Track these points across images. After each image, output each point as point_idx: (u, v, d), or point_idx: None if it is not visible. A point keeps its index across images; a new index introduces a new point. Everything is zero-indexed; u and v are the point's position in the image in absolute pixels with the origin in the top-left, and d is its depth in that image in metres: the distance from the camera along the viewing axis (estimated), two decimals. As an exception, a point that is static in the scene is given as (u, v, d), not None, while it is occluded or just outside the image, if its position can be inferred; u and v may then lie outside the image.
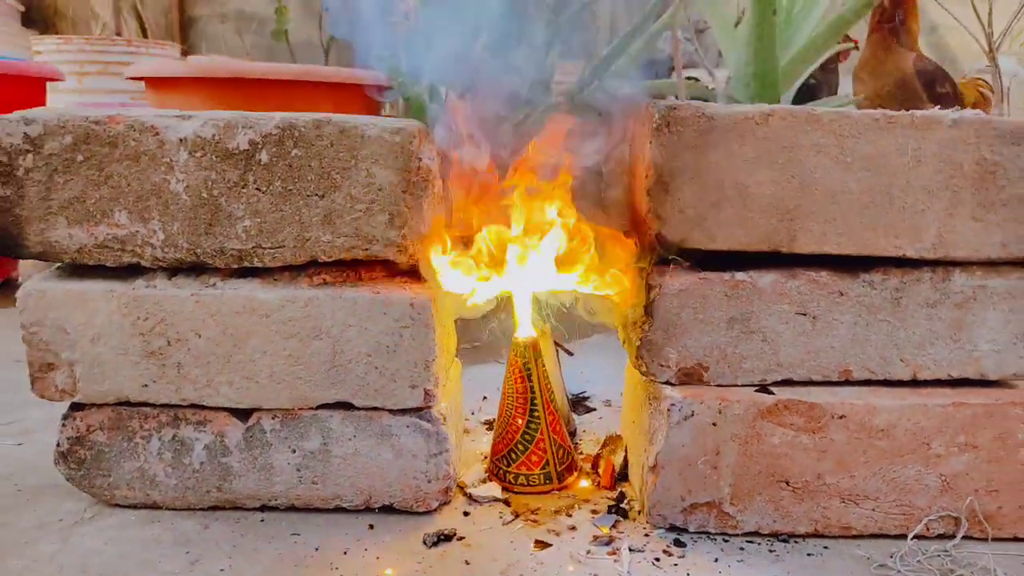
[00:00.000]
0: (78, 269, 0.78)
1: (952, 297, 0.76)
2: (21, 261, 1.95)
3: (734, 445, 0.75)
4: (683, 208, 0.74)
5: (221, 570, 0.71)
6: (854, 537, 0.78)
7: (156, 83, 1.72)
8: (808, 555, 0.75)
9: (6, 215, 0.74)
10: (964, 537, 0.77)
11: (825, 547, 0.77)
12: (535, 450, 0.84)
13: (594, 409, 1.12)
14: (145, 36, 3.72)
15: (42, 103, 1.84)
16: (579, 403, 1.13)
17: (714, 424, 0.75)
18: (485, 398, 1.14)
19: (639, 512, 0.80)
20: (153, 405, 0.78)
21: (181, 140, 0.72)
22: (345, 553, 0.74)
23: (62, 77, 1.91)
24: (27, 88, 1.77)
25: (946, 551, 0.76)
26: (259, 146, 0.72)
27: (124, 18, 4.02)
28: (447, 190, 0.84)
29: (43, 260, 0.77)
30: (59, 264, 0.79)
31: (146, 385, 0.77)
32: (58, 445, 0.80)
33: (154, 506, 0.81)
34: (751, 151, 0.73)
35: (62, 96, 2.85)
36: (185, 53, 4.47)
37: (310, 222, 0.74)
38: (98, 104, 2.83)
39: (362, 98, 1.74)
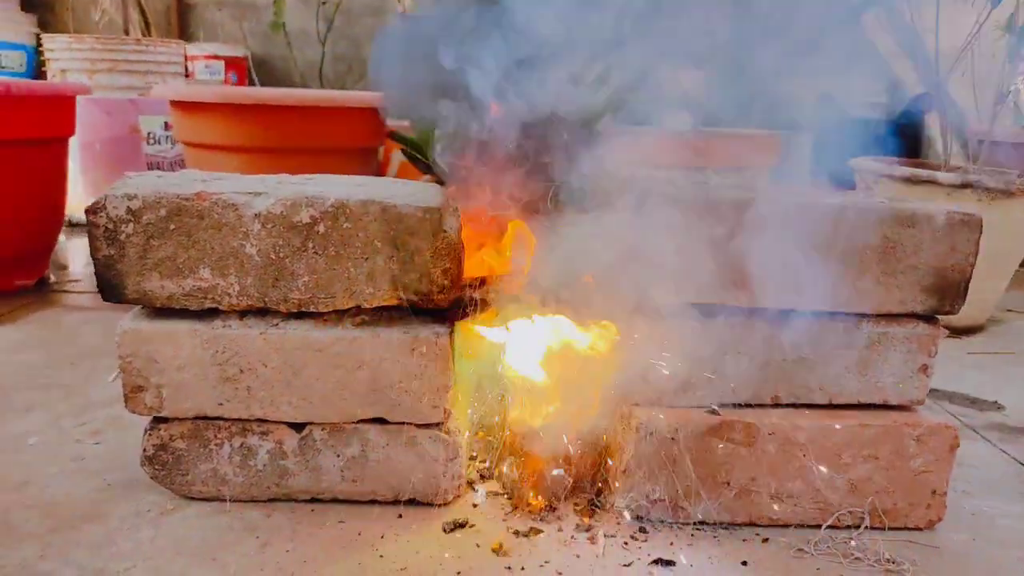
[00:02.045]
0: (163, 311, 0.97)
1: (861, 341, 0.97)
2: (51, 262, 2.12)
3: (687, 455, 0.96)
4: (651, 271, 0.94)
5: (287, 551, 0.91)
6: (780, 526, 0.99)
7: (183, 106, 1.88)
8: (743, 540, 0.97)
9: (110, 270, 0.93)
10: (866, 527, 0.99)
11: (757, 534, 0.98)
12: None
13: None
14: (147, 24, 3.81)
15: (72, 116, 1.99)
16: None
17: (672, 438, 0.95)
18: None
19: (612, 506, 1.01)
20: (226, 419, 0.98)
21: (256, 215, 0.91)
22: (382, 537, 0.94)
23: (89, 91, 2.06)
24: (58, 104, 1.93)
25: (851, 539, 0.98)
26: (318, 220, 0.91)
27: (125, 2, 4.10)
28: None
29: (138, 304, 0.96)
30: (144, 306, 0.98)
31: (221, 404, 0.96)
32: (144, 451, 0.99)
33: (223, 499, 1.00)
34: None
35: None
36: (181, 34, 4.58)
37: (356, 278, 0.93)
38: (107, 101, 2.96)
39: (374, 121, 1.91)
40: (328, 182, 1.02)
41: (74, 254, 2.45)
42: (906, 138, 3.85)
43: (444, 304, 0.96)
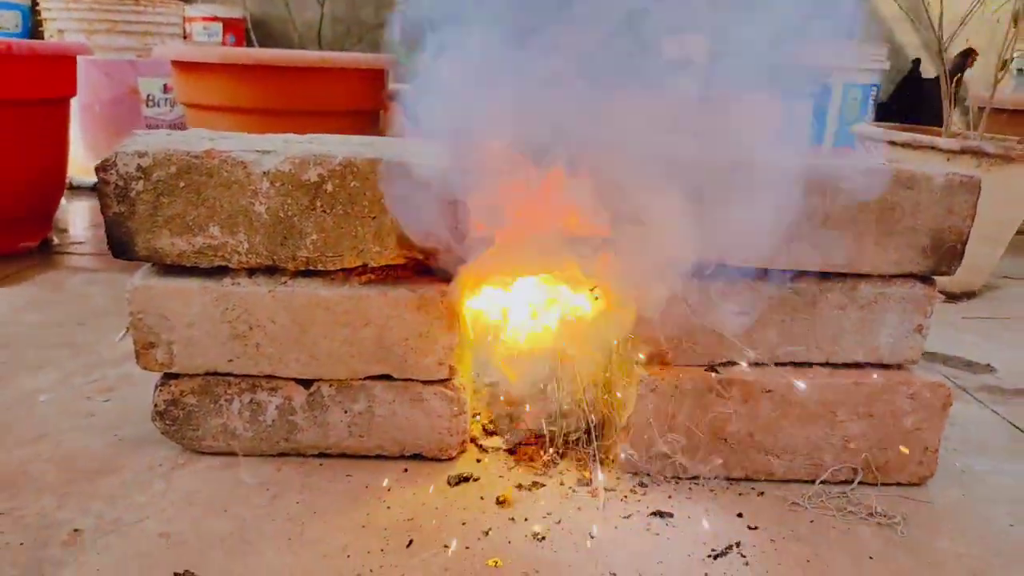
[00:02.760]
0: (173, 268, 0.98)
1: (858, 301, 0.99)
2: (56, 225, 2.13)
3: (686, 412, 0.98)
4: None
5: (297, 502, 0.93)
6: (775, 481, 1.02)
7: (184, 66, 1.88)
8: (739, 494, 0.99)
9: (120, 227, 0.94)
10: (859, 483, 1.02)
11: (753, 488, 1.01)
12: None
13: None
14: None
15: (73, 77, 1.98)
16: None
17: (672, 396, 0.98)
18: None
19: (612, 461, 1.04)
20: (235, 375, 1.00)
21: (264, 172, 0.92)
22: (389, 490, 0.97)
23: (91, 52, 2.05)
24: (60, 65, 1.92)
25: (844, 493, 1.00)
26: (326, 178, 0.92)
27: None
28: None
29: (148, 262, 0.97)
30: (153, 264, 0.99)
31: (231, 360, 0.98)
32: (155, 406, 1.02)
33: (233, 454, 1.03)
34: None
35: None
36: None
37: (364, 237, 0.95)
38: (106, 62, 2.94)
39: (376, 83, 1.91)
40: (335, 141, 1.03)
41: (75, 216, 2.45)
42: (909, 103, 3.85)
43: (450, 263, 0.97)
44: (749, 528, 0.92)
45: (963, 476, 1.08)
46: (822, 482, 1.01)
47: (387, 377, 1.00)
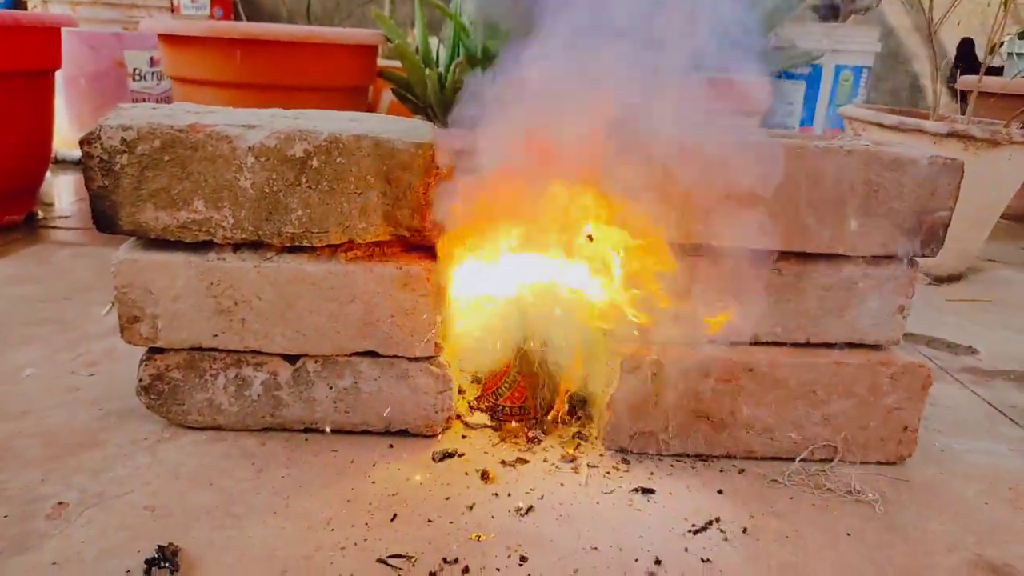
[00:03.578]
0: (158, 242, 0.98)
1: (841, 282, 0.99)
2: (40, 199, 2.11)
3: (669, 390, 0.99)
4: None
5: (282, 476, 0.94)
6: (756, 459, 1.03)
7: (172, 40, 1.86)
8: (720, 471, 1.01)
9: (104, 200, 0.94)
10: (839, 461, 1.03)
11: (733, 465, 1.02)
12: (518, 387, 1.08)
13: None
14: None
15: (58, 48, 1.96)
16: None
17: (655, 374, 0.99)
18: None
19: (596, 438, 1.05)
20: (221, 350, 1.00)
21: (250, 147, 0.91)
22: (374, 465, 0.97)
23: (76, 24, 2.03)
24: (44, 36, 1.89)
25: (823, 471, 1.02)
26: (311, 154, 0.92)
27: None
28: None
29: (132, 236, 0.97)
30: (138, 238, 0.99)
31: (216, 335, 0.98)
32: (140, 380, 1.02)
33: (219, 428, 1.03)
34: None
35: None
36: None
37: (350, 213, 0.94)
38: (91, 34, 2.90)
39: (365, 59, 1.90)
40: (321, 117, 1.03)
41: (60, 190, 2.43)
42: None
43: (436, 239, 0.97)
44: (728, 505, 0.93)
45: (942, 455, 1.09)
46: (802, 460, 1.03)
47: (373, 354, 1.00)
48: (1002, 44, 2.63)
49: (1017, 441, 1.15)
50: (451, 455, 1.00)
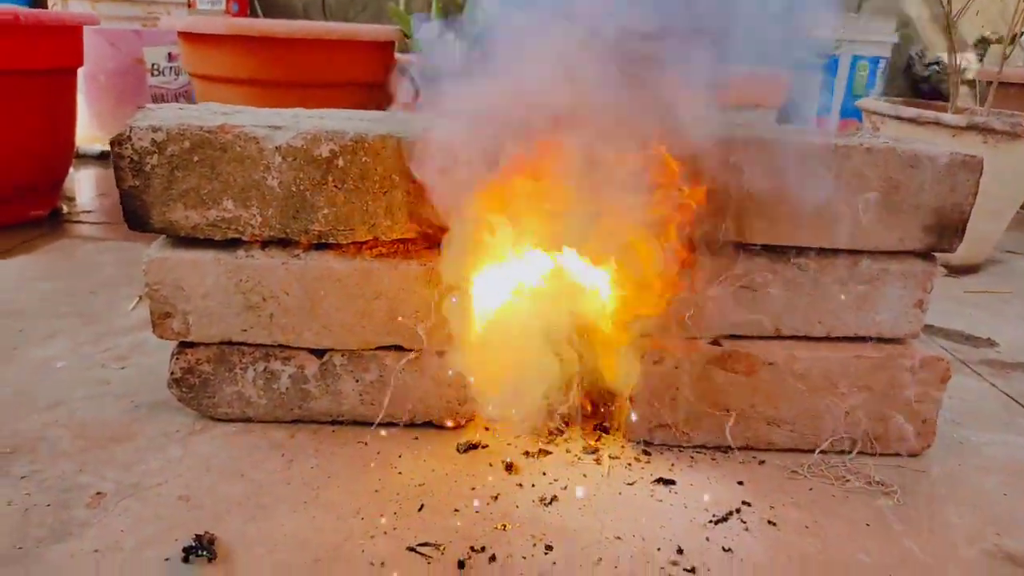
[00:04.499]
0: (187, 240, 1.00)
1: (860, 277, 1.00)
2: (64, 194, 2.14)
3: (689, 383, 1.01)
4: (660, 206, 0.97)
5: (311, 467, 0.96)
6: (776, 451, 1.05)
7: (191, 37, 1.88)
8: (740, 463, 1.02)
9: (135, 200, 0.96)
10: (858, 453, 1.05)
11: (754, 457, 1.03)
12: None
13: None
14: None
15: (80, 46, 1.99)
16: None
17: (676, 368, 1.00)
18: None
19: (617, 430, 1.06)
20: (250, 345, 1.02)
21: (277, 147, 0.93)
22: (400, 456, 0.99)
23: (97, 21, 2.05)
24: (66, 35, 1.92)
25: (843, 463, 1.03)
26: (337, 154, 0.94)
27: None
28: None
29: (163, 234, 0.99)
30: (168, 236, 1.01)
31: (245, 330, 1.01)
32: (172, 374, 1.04)
33: (248, 420, 1.06)
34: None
35: (75, 22, 2.94)
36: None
37: (375, 211, 0.96)
38: (111, 31, 2.93)
39: (384, 55, 1.91)
40: (344, 116, 1.04)
41: (82, 185, 2.47)
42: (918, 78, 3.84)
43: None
44: (750, 495, 0.95)
45: (960, 447, 1.10)
46: (822, 452, 1.04)
47: (398, 348, 1.02)
48: (1022, 34, 2.60)
49: (1036, 433, 1.16)
50: (475, 446, 1.02)
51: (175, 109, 1.02)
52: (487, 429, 1.07)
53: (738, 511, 0.91)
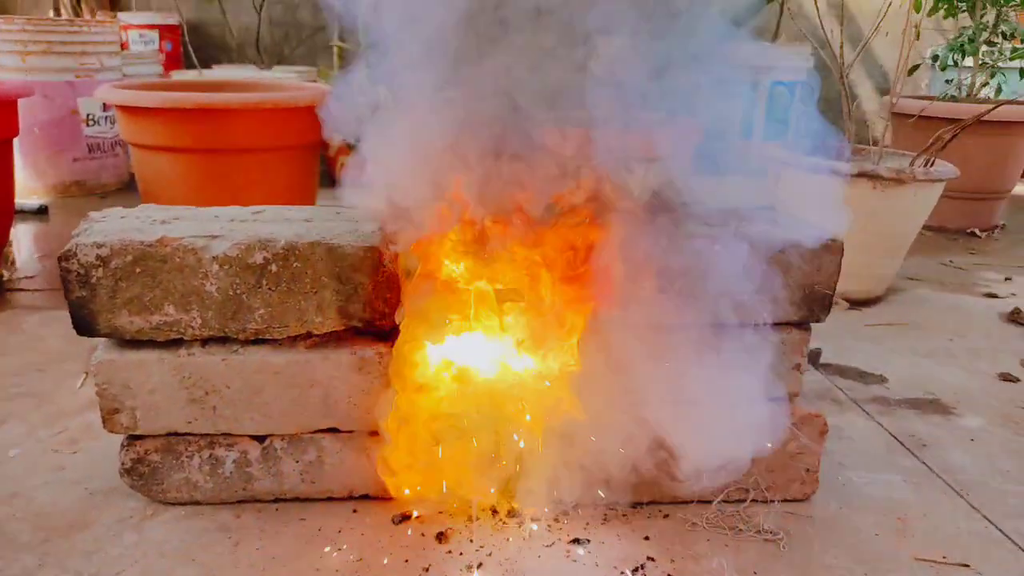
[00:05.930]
0: (132, 342, 1.08)
1: (745, 346, 1.13)
2: (5, 257, 2.17)
3: (595, 452, 1.12)
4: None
5: (257, 548, 1.05)
6: (680, 503, 1.17)
7: (126, 109, 1.94)
8: (648, 517, 1.14)
9: (82, 309, 1.04)
10: (752, 500, 1.17)
11: (659, 511, 1.15)
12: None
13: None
14: (77, 1, 3.74)
15: (15, 118, 2.02)
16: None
17: (579, 437, 1.11)
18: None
19: (537, 492, 1.17)
20: (195, 434, 1.10)
21: (214, 257, 1.02)
22: (339, 531, 1.09)
23: (32, 92, 2.09)
24: (3, 107, 1.96)
25: (738, 512, 1.16)
26: (270, 260, 1.03)
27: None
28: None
29: (109, 338, 1.07)
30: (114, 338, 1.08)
31: (190, 422, 1.09)
32: (123, 464, 1.12)
33: (196, 503, 1.14)
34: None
35: (4, 75, 2.95)
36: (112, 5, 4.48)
37: (307, 309, 1.06)
38: (44, 84, 2.94)
39: (312, 118, 1.99)
40: (277, 217, 1.13)
41: (21, 245, 2.49)
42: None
43: (387, 327, 1.09)
44: (654, 550, 1.06)
45: (843, 489, 1.24)
46: (720, 501, 1.16)
47: (334, 430, 1.12)
48: (917, 67, 2.81)
49: (911, 471, 1.30)
50: (408, 517, 1.12)
51: (117, 219, 1.10)
52: (420, 499, 1.17)
53: (643, 567, 1.03)
